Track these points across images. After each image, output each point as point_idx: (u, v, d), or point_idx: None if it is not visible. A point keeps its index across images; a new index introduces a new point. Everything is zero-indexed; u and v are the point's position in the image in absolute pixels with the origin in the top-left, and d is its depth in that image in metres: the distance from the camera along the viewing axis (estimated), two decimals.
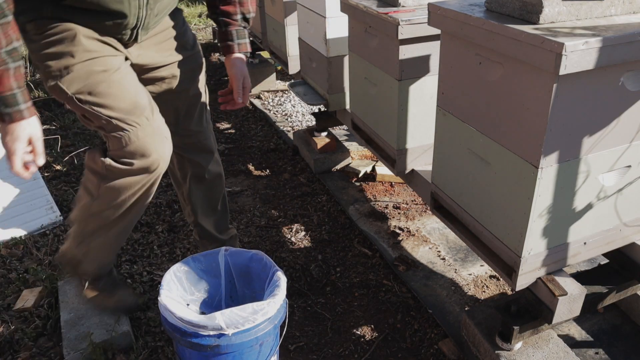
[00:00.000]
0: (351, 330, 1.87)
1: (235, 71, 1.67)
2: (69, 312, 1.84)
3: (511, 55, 1.24)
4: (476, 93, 1.42)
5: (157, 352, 1.78)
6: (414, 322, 1.89)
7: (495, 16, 1.31)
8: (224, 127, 3.64)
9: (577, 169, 1.31)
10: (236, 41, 1.67)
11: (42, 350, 1.79)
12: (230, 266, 1.57)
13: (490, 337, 1.59)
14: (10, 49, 1.22)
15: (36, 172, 2.61)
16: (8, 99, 1.24)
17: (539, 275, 1.43)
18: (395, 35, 1.77)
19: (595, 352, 1.72)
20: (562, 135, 1.23)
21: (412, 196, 2.64)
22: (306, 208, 2.62)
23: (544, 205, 1.31)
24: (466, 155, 1.52)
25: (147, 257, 2.26)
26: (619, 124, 1.29)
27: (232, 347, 1.28)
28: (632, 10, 1.31)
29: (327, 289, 2.08)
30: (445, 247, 2.25)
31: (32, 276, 2.11)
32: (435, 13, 1.49)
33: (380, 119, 2.11)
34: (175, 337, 1.31)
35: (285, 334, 1.61)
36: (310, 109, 3.87)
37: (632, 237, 1.54)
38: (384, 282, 2.09)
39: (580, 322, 1.83)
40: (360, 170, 2.84)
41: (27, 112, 1.28)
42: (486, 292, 2.00)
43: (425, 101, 1.96)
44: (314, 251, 2.29)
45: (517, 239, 1.37)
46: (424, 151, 2.06)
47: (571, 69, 1.11)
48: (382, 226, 2.41)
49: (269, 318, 1.33)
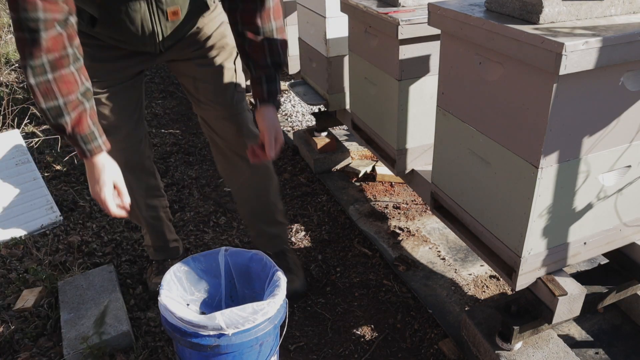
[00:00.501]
0: (351, 330, 1.87)
1: (267, 124, 1.54)
2: (69, 312, 1.85)
3: (511, 55, 1.24)
4: (476, 93, 1.42)
5: (157, 352, 1.78)
6: (414, 322, 1.89)
7: (495, 16, 1.31)
8: None
9: (577, 169, 1.31)
10: (265, 86, 1.56)
11: (42, 350, 1.79)
12: (230, 266, 1.57)
13: (490, 337, 1.59)
14: (84, 91, 1.33)
15: (36, 172, 2.61)
16: (88, 137, 1.34)
17: (539, 275, 1.43)
18: (395, 35, 1.77)
19: (595, 352, 1.72)
20: (562, 135, 1.23)
21: (412, 196, 2.64)
22: (306, 208, 2.61)
23: (544, 205, 1.31)
24: (466, 155, 1.52)
25: (147, 257, 2.25)
26: (619, 124, 1.29)
27: (232, 347, 1.28)
28: (632, 10, 1.31)
29: (327, 289, 2.08)
30: (445, 247, 2.25)
31: (32, 276, 2.12)
32: (435, 13, 1.49)
33: (380, 119, 2.11)
34: (175, 337, 1.31)
35: (285, 334, 1.62)
36: (310, 109, 3.87)
37: (632, 237, 1.54)
38: (384, 282, 2.09)
39: (580, 322, 1.83)
40: (360, 170, 2.84)
41: (104, 145, 1.38)
42: (486, 292, 2.00)
43: (425, 101, 1.96)
44: (314, 251, 2.29)
45: (517, 239, 1.37)
46: (424, 151, 2.06)
47: (571, 69, 1.11)
48: (382, 226, 2.41)
49: (269, 318, 1.33)
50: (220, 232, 2.45)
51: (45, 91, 1.27)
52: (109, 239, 2.39)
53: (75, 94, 1.30)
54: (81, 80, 1.32)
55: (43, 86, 1.26)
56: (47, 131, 3.44)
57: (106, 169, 1.38)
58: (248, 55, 1.55)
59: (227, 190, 2.81)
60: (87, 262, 2.23)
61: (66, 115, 1.30)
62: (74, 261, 2.23)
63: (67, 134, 1.33)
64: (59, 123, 1.31)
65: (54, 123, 1.31)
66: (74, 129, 1.32)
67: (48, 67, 1.25)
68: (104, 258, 2.27)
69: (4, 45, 5.17)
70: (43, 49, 1.22)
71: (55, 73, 1.26)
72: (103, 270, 2.06)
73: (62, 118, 1.30)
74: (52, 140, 3.29)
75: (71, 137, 1.34)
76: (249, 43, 1.53)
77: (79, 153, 1.37)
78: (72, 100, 1.30)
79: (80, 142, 1.34)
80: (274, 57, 1.54)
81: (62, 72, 1.27)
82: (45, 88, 1.26)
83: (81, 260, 2.24)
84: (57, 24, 1.22)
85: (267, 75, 1.54)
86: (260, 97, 1.55)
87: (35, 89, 1.27)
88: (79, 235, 2.42)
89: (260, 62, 1.54)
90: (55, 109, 1.29)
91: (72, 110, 1.30)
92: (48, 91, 1.27)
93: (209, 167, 3.06)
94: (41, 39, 1.21)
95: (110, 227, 2.48)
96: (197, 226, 2.49)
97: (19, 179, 2.55)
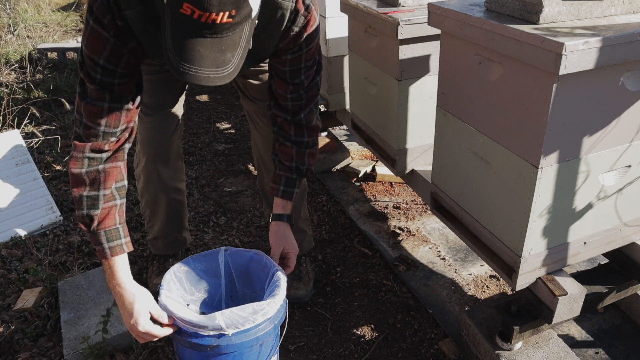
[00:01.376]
0: (351, 330, 1.87)
1: (276, 240, 1.54)
2: (69, 312, 1.85)
3: (511, 55, 1.24)
4: (476, 93, 1.42)
5: (157, 352, 1.78)
6: (414, 322, 1.89)
7: (495, 16, 1.31)
8: (224, 127, 3.64)
9: (577, 169, 1.30)
10: (281, 187, 1.57)
11: (42, 351, 1.79)
12: (230, 266, 1.57)
13: (491, 337, 1.59)
14: (120, 186, 1.35)
15: (36, 172, 2.61)
16: (112, 233, 1.31)
17: (539, 275, 1.43)
18: (395, 35, 1.77)
19: (595, 352, 1.72)
20: (562, 135, 1.23)
21: (412, 196, 2.64)
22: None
23: (544, 205, 1.31)
24: (466, 155, 1.52)
25: (148, 257, 2.25)
26: (619, 124, 1.29)
27: (232, 347, 1.28)
28: (632, 10, 1.31)
29: (327, 289, 2.07)
30: (445, 247, 2.25)
31: (32, 276, 2.11)
32: (435, 13, 1.49)
33: (380, 119, 2.11)
34: (175, 337, 1.31)
35: (285, 334, 1.61)
36: None
37: (632, 237, 1.54)
38: (384, 282, 2.09)
39: (580, 322, 1.83)
40: (360, 170, 2.84)
41: (126, 247, 1.34)
42: (486, 292, 2.00)
43: (425, 101, 1.96)
44: (314, 251, 2.29)
45: (517, 239, 1.37)
46: (424, 151, 2.06)
47: (571, 68, 1.11)
48: (382, 226, 2.41)
49: (269, 318, 1.33)
50: (220, 232, 2.45)
51: (92, 180, 1.29)
52: None
53: (112, 188, 1.31)
54: (122, 174, 1.35)
55: (92, 175, 1.29)
56: (47, 131, 3.44)
57: (137, 297, 1.31)
58: (276, 152, 1.60)
59: (227, 191, 2.81)
60: (87, 262, 2.23)
61: (100, 208, 1.29)
62: (74, 261, 2.23)
63: (91, 229, 1.30)
64: (89, 214, 1.29)
65: (85, 213, 1.29)
66: (100, 223, 1.30)
67: (105, 156, 1.29)
68: None
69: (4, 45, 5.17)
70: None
71: (107, 164, 1.30)
72: (103, 270, 2.06)
73: (95, 210, 1.29)
74: (52, 140, 3.29)
75: (94, 234, 1.30)
76: (279, 142, 1.58)
77: (99, 253, 1.32)
78: (108, 193, 1.30)
79: (102, 239, 1.30)
80: (298, 163, 1.57)
81: (114, 164, 1.31)
82: (94, 177, 1.29)
83: (81, 260, 2.24)
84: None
85: (287, 178, 1.57)
86: (275, 194, 1.57)
87: (83, 176, 1.28)
88: (79, 235, 2.42)
89: (284, 163, 1.57)
90: (93, 198, 1.29)
91: (105, 203, 1.30)
92: (95, 180, 1.29)
93: (209, 167, 3.06)
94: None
95: None
96: (197, 226, 2.49)
97: (19, 179, 2.55)
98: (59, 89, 4.10)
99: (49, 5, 6.95)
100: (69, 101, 3.66)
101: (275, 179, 1.58)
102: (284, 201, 1.57)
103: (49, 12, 6.77)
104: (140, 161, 1.86)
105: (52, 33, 5.75)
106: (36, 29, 5.95)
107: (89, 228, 1.31)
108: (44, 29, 6.01)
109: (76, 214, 1.31)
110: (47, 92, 4.03)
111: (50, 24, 6.17)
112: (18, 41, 5.38)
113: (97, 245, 1.32)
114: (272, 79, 1.54)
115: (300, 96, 1.51)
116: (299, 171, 1.58)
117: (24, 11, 6.52)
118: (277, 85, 1.51)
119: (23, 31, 5.75)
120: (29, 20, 6.17)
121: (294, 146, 1.57)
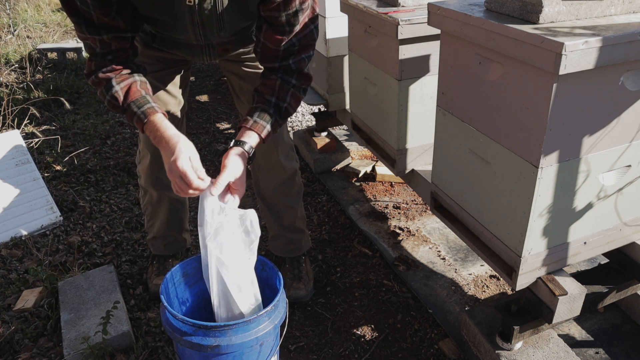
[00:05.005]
0: (351, 330, 1.87)
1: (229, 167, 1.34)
2: (69, 312, 1.85)
3: (511, 55, 1.24)
4: (476, 93, 1.42)
5: (157, 352, 1.78)
6: (414, 322, 1.89)
7: (495, 16, 1.31)
8: (223, 127, 3.64)
9: (577, 169, 1.30)
10: (254, 117, 1.41)
11: (42, 351, 1.79)
12: None
13: (491, 336, 1.59)
14: (133, 68, 1.41)
15: (36, 172, 2.61)
16: (140, 101, 1.36)
17: (539, 275, 1.43)
18: (395, 35, 1.77)
19: (595, 351, 1.72)
20: (562, 135, 1.23)
21: (412, 196, 2.64)
22: (306, 208, 2.61)
23: (544, 205, 1.31)
24: (466, 155, 1.52)
25: (148, 257, 2.25)
26: (619, 124, 1.29)
27: (232, 347, 1.28)
28: (632, 10, 1.31)
29: (327, 289, 2.08)
30: (445, 247, 2.25)
31: (32, 276, 2.11)
32: (435, 13, 1.49)
33: (380, 118, 2.11)
34: (175, 337, 1.31)
35: (285, 334, 1.62)
36: (310, 109, 3.87)
37: (632, 237, 1.54)
38: (384, 282, 2.09)
39: (580, 322, 1.83)
40: (360, 170, 2.84)
41: (158, 108, 1.38)
42: (486, 292, 2.00)
43: (425, 101, 1.96)
44: (314, 251, 2.29)
45: (517, 239, 1.37)
46: (424, 151, 2.06)
47: (571, 68, 1.11)
48: (382, 226, 2.41)
49: (269, 318, 1.33)
50: None
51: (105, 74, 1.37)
52: (109, 240, 2.39)
53: (123, 72, 1.38)
54: (131, 65, 1.41)
55: (105, 73, 1.37)
56: (47, 131, 3.44)
57: (182, 139, 1.31)
58: (257, 88, 1.48)
59: None
60: (87, 262, 2.23)
61: (118, 85, 1.36)
62: (74, 261, 2.23)
63: (122, 107, 1.37)
64: (112, 95, 1.36)
65: (109, 97, 1.37)
66: (126, 97, 1.36)
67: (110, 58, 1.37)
68: (104, 258, 2.27)
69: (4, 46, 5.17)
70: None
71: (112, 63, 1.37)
72: (103, 270, 2.06)
73: (115, 88, 1.36)
74: (52, 140, 3.29)
75: (126, 110, 1.37)
76: (263, 77, 1.48)
77: (137, 123, 1.37)
78: (121, 75, 1.37)
79: (134, 108, 1.35)
80: (278, 100, 1.45)
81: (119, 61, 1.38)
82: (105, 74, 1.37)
83: (81, 260, 2.24)
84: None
85: (262, 109, 1.43)
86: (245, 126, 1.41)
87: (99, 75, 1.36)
88: (79, 235, 2.42)
89: (264, 96, 1.44)
90: (109, 83, 1.36)
91: (121, 82, 1.37)
92: (107, 71, 1.37)
93: (209, 167, 3.06)
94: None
95: (110, 228, 2.48)
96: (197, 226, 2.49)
97: (19, 179, 2.55)
98: (58, 89, 4.10)
99: (49, 6, 6.95)
100: (69, 101, 3.66)
101: (249, 111, 1.44)
102: (251, 132, 1.41)
103: (49, 12, 6.77)
104: (142, 159, 1.86)
105: (52, 33, 5.75)
106: (36, 29, 5.96)
107: (120, 108, 1.37)
108: (44, 29, 6.01)
109: (106, 106, 1.39)
110: (47, 92, 4.03)
111: (50, 24, 6.17)
112: (18, 41, 5.38)
113: (132, 117, 1.37)
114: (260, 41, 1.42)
115: (293, 44, 1.40)
116: (278, 108, 1.44)
117: (23, 11, 6.53)
118: (269, 41, 1.40)
119: (23, 31, 5.75)
120: (29, 21, 6.17)
121: (279, 80, 1.44)
